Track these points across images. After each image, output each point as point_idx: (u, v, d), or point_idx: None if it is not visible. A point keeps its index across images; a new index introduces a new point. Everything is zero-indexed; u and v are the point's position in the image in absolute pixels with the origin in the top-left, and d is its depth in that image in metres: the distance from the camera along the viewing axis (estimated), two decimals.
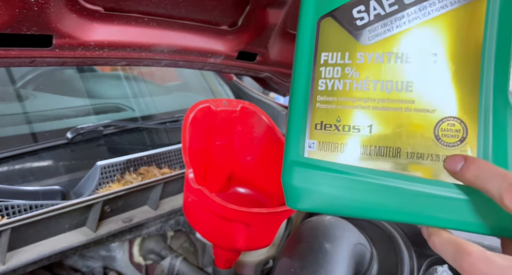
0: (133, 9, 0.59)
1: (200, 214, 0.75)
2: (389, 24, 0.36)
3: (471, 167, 0.29)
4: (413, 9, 0.35)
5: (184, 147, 0.78)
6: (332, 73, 0.38)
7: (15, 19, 0.48)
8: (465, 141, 0.33)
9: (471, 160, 0.29)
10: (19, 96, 1.09)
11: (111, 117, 1.20)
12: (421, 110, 0.35)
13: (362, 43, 0.37)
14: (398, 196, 0.35)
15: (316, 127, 0.39)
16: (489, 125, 0.33)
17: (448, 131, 0.34)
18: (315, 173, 0.39)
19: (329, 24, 0.38)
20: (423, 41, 0.35)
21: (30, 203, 0.80)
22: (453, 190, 0.33)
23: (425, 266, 0.77)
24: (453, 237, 0.31)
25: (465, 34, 0.33)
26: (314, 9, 0.39)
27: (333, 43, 0.38)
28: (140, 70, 1.50)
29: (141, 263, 1.06)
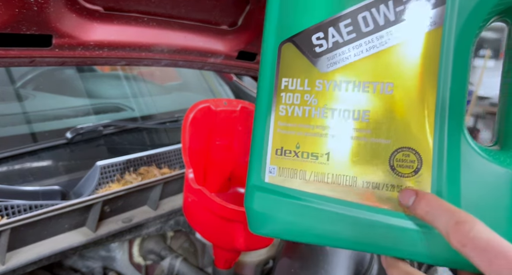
0: (133, 9, 0.59)
1: (200, 214, 0.75)
2: (347, 52, 0.36)
3: (422, 202, 0.30)
4: (370, 37, 0.35)
5: (184, 147, 0.78)
6: (292, 99, 0.38)
7: (14, 19, 0.48)
8: (420, 172, 0.33)
9: (421, 195, 0.30)
10: (19, 96, 1.09)
11: (110, 117, 1.20)
12: (377, 140, 0.35)
13: (320, 71, 0.37)
14: (353, 225, 0.35)
15: (276, 153, 0.39)
16: (443, 157, 0.33)
17: (403, 161, 0.34)
18: (274, 198, 0.39)
19: (289, 49, 0.38)
20: (380, 70, 0.35)
21: (30, 203, 0.80)
22: (407, 221, 0.33)
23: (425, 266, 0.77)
24: (409, 270, 0.31)
25: (421, 65, 0.33)
26: (276, 33, 0.39)
27: (293, 69, 0.38)
28: (140, 70, 1.50)
29: (141, 263, 1.06)
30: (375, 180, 0.35)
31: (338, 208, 0.36)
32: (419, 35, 0.33)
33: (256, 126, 0.41)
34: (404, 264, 0.32)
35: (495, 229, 0.26)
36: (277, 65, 0.39)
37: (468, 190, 0.32)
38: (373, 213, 0.35)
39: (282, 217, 0.39)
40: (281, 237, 0.40)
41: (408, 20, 0.33)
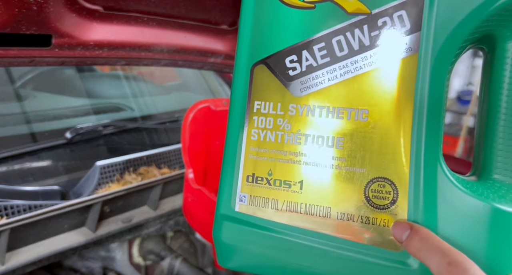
0: (133, 9, 0.59)
1: (200, 214, 0.75)
2: (321, 76, 0.34)
3: (415, 238, 0.28)
4: (345, 62, 0.33)
5: (184, 147, 0.78)
6: (265, 123, 0.36)
7: (14, 19, 0.48)
8: (396, 203, 0.32)
9: (415, 229, 0.29)
10: (19, 96, 1.08)
11: (110, 117, 1.20)
12: (352, 169, 0.33)
13: (294, 95, 0.35)
14: (325, 259, 0.34)
15: (248, 180, 0.37)
16: (419, 189, 0.31)
17: (379, 192, 0.33)
18: (244, 229, 0.37)
19: (262, 71, 0.36)
20: (355, 96, 0.33)
21: (30, 203, 0.80)
22: (381, 256, 0.32)
23: None
24: None
25: (396, 92, 0.32)
26: (249, 54, 0.37)
27: (266, 92, 0.36)
28: (139, 70, 1.50)
29: (140, 264, 1.05)
30: (350, 211, 0.33)
31: (311, 241, 0.34)
32: (395, 62, 0.32)
33: (226, 151, 0.38)
34: None
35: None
36: (249, 87, 0.37)
37: (445, 223, 0.31)
38: (347, 247, 0.33)
39: (252, 249, 0.37)
40: (250, 271, 0.38)
41: (383, 45, 0.32)
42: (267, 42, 0.36)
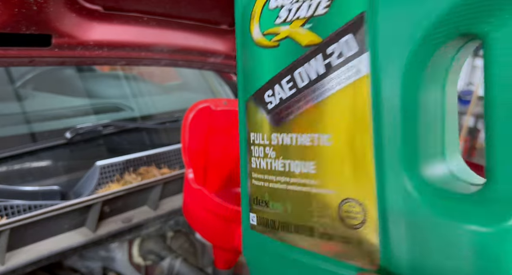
0: (133, 9, 0.59)
1: (200, 214, 0.75)
2: (290, 107, 0.37)
3: None
4: (307, 91, 0.35)
5: (184, 147, 0.78)
6: (259, 152, 0.41)
7: (14, 19, 0.48)
8: (366, 223, 0.33)
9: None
10: (18, 96, 1.08)
11: (110, 117, 1.19)
12: (325, 191, 0.35)
13: (273, 126, 0.39)
14: (313, 272, 0.37)
15: (254, 202, 0.42)
16: (386, 208, 0.32)
17: (350, 213, 0.34)
18: (254, 243, 0.42)
19: (252, 106, 0.41)
20: (318, 122, 0.35)
21: (30, 203, 0.80)
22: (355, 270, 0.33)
23: None
24: None
25: (354, 115, 0.32)
26: (243, 90, 0.41)
27: (256, 125, 0.41)
28: (139, 70, 1.49)
29: (140, 264, 1.05)
30: (329, 231, 0.35)
31: (302, 257, 0.38)
32: (347, 85, 0.33)
33: (241, 175, 0.43)
34: None
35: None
36: (246, 120, 0.41)
37: (413, 244, 0.30)
38: (328, 263, 0.35)
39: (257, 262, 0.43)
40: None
41: (336, 71, 0.33)
42: (252, 80, 0.40)
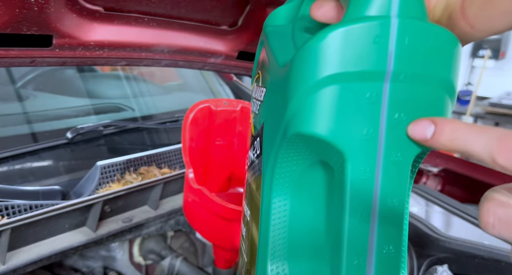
0: (133, 9, 0.59)
1: (200, 214, 0.75)
2: (251, 170, 0.37)
3: (445, 129, 0.23)
4: (252, 165, 0.35)
5: (184, 147, 0.78)
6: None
7: (15, 19, 0.48)
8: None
9: (442, 122, 0.24)
10: (19, 96, 1.09)
11: (111, 117, 1.20)
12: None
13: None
14: None
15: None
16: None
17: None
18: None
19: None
20: (245, 197, 0.36)
21: (30, 203, 0.80)
22: None
23: (425, 266, 0.77)
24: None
25: (257, 204, 0.32)
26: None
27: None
28: (140, 70, 1.50)
29: (141, 263, 1.06)
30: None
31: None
32: (255, 178, 0.33)
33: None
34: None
35: None
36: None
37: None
38: None
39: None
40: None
41: (255, 162, 0.33)
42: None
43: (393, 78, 0.23)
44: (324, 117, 0.24)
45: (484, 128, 0.22)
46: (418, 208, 0.91)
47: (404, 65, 0.23)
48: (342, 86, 0.23)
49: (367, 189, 0.24)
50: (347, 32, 0.23)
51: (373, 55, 0.23)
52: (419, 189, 1.01)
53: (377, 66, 0.23)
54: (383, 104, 0.23)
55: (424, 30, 0.23)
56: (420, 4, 0.24)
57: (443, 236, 0.76)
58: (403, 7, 0.23)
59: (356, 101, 0.23)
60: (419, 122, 0.24)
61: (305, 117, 0.25)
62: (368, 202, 0.24)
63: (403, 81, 0.23)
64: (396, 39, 0.23)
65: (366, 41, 0.23)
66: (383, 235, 0.25)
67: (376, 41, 0.23)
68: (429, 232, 0.78)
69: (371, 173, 0.24)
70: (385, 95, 0.23)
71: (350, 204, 0.24)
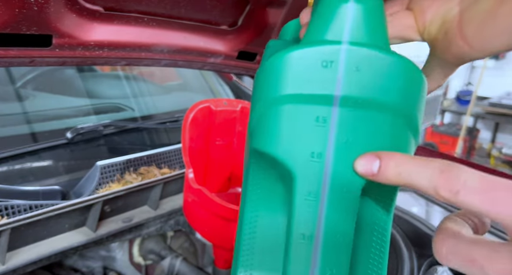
0: (133, 9, 0.59)
1: (200, 214, 0.75)
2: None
3: (390, 163, 0.23)
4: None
5: (184, 147, 0.78)
6: None
7: (14, 19, 0.48)
8: None
9: (386, 156, 0.23)
10: (19, 96, 1.09)
11: (111, 117, 1.20)
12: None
13: None
14: None
15: None
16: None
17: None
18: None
19: None
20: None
21: (30, 203, 0.80)
22: None
23: (425, 266, 0.77)
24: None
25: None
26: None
27: None
28: (140, 70, 1.50)
29: (141, 263, 1.06)
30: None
31: None
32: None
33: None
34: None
35: None
36: None
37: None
38: None
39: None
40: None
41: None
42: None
43: (341, 103, 0.23)
44: (276, 135, 0.24)
45: (427, 161, 0.22)
46: (418, 208, 0.91)
47: (353, 91, 0.23)
48: (293, 107, 0.24)
49: (311, 210, 0.24)
50: (299, 54, 0.23)
51: (322, 79, 0.23)
52: None
53: (326, 90, 0.23)
54: (331, 127, 0.24)
55: (376, 58, 0.23)
56: (379, 29, 0.24)
57: None
58: (357, 33, 0.23)
59: (305, 122, 0.24)
60: (364, 157, 0.24)
61: (260, 133, 0.25)
62: (311, 224, 0.24)
63: (352, 106, 0.23)
64: (344, 64, 0.23)
65: (316, 65, 0.23)
66: (326, 258, 0.24)
67: (325, 65, 0.23)
68: (429, 232, 0.78)
69: (316, 196, 0.24)
70: (334, 119, 0.24)
71: (295, 224, 0.24)
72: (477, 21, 0.24)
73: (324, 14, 0.24)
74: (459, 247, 0.21)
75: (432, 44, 0.28)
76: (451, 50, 0.26)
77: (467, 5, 0.25)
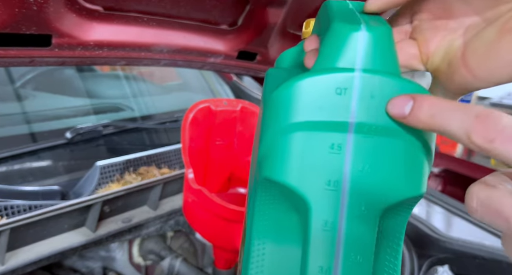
0: (133, 9, 0.59)
1: (200, 214, 0.75)
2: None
3: (424, 104, 0.22)
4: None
5: (184, 147, 0.78)
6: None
7: (14, 19, 0.48)
8: None
9: (420, 97, 0.23)
10: (18, 96, 1.08)
11: (110, 117, 1.20)
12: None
13: None
14: None
15: None
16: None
17: None
18: None
19: None
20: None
21: (30, 203, 0.80)
22: None
23: (425, 266, 0.77)
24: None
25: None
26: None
27: None
28: (139, 70, 1.50)
29: (140, 264, 1.06)
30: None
31: None
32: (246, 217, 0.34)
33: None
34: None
35: None
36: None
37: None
38: None
39: None
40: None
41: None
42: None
43: (356, 129, 0.23)
44: (289, 164, 0.24)
45: (463, 105, 0.21)
46: (419, 208, 0.91)
47: (368, 117, 0.23)
48: (307, 134, 0.23)
49: (329, 241, 0.24)
50: (312, 82, 0.23)
51: (336, 106, 0.23)
52: None
53: (340, 117, 0.23)
54: (347, 155, 0.23)
55: (389, 84, 0.23)
56: (390, 57, 0.24)
57: (443, 237, 0.76)
58: (369, 60, 0.23)
59: (320, 150, 0.23)
60: (398, 98, 0.23)
61: (272, 162, 0.25)
62: (329, 254, 0.24)
63: (367, 133, 0.23)
64: (359, 91, 0.23)
65: (330, 92, 0.23)
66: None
67: (339, 92, 0.23)
68: (429, 233, 0.78)
69: (334, 225, 0.24)
70: (349, 146, 0.23)
71: (312, 255, 0.24)
72: (481, 52, 0.24)
73: (335, 42, 0.24)
74: (490, 199, 0.20)
75: (435, 74, 0.28)
76: (454, 80, 0.26)
77: (471, 36, 0.25)
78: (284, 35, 0.83)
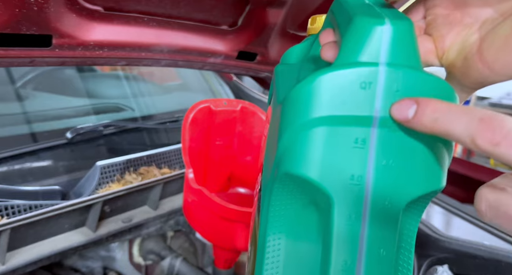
0: (133, 9, 0.59)
1: (200, 214, 0.75)
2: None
3: (427, 109, 0.22)
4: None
5: (184, 147, 0.78)
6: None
7: (14, 19, 0.48)
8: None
9: (423, 101, 0.23)
10: (19, 96, 1.09)
11: (111, 117, 1.20)
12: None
13: None
14: None
15: None
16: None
17: None
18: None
19: None
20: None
21: (30, 203, 0.80)
22: None
23: (425, 266, 0.77)
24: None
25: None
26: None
27: None
28: (140, 70, 1.50)
29: (140, 263, 1.06)
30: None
31: None
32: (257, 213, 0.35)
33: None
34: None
35: None
36: None
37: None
38: None
39: None
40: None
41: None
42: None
43: (380, 124, 0.23)
44: (312, 158, 0.24)
45: (467, 108, 0.21)
46: None
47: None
48: (330, 129, 0.23)
49: (352, 235, 0.24)
50: (335, 76, 0.23)
51: (360, 101, 0.23)
52: None
53: (364, 112, 0.23)
54: (371, 149, 0.23)
55: (414, 78, 0.23)
56: (413, 51, 0.24)
57: (443, 236, 0.76)
58: (393, 54, 0.23)
59: (343, 145, 0.23)
60: (400, 102, 0.23)
61: (293, 157, 0.24)
62: (353, 249, 0.24)
63: (391, 127, 0.23)
64: (383, 86, 0.23)
65: (354, 87, 0.23)
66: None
67: (363, 87, 0.23)
68: (429, 232, 0.78)
69: (357, 220, 0.24)
70: (373, 140, 0.23)
71: (335, 250, 0.24)
72: (498, 46, 0.24)
73: (359, 36, 0.23)
74: (499, 202, 0.20)
75: (450, 69, 0.28)
76: (470, 74, 0.26)
77: (486, 31, 0.25)
78: (284, 35, 0.83)
